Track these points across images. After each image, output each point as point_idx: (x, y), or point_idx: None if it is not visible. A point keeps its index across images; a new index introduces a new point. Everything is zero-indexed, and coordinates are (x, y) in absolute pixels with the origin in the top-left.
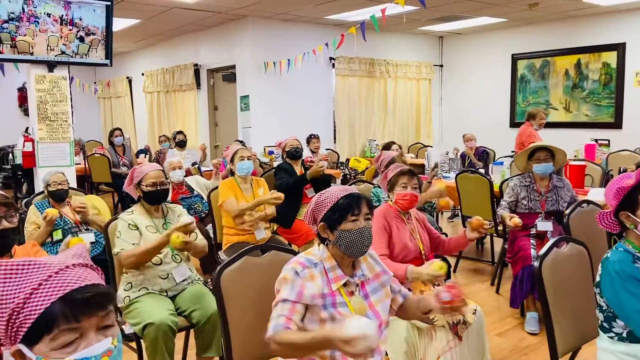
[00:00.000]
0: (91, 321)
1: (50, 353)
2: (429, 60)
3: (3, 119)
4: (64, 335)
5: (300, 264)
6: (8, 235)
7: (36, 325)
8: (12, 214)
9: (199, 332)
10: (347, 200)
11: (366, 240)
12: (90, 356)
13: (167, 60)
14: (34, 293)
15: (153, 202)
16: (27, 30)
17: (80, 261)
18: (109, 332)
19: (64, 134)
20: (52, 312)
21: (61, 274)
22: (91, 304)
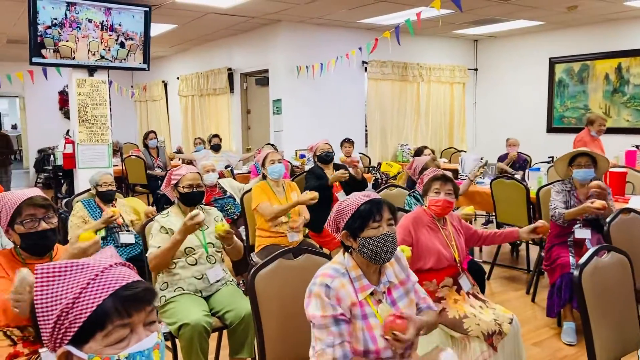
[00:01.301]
0: (140, 316)
1: (104, 350)
2: (463, 63)
3: (45, 122)
4: (118, 331)
5: (328, 276)
6: (48, 237)
7: (88, 324)
8: (51, 215)
9: (231, 333)
10: (368, 206)
11: (390, 246)
12: (144, 349)
13: (201, 64)
14: (83, 292)
15: (189, 203)
16: (69, 35)
17: (118, 261)
18: (153, 328)
19: (102, 137)
20: (105, 309)
21: (107, 272)
22: (140, 299)
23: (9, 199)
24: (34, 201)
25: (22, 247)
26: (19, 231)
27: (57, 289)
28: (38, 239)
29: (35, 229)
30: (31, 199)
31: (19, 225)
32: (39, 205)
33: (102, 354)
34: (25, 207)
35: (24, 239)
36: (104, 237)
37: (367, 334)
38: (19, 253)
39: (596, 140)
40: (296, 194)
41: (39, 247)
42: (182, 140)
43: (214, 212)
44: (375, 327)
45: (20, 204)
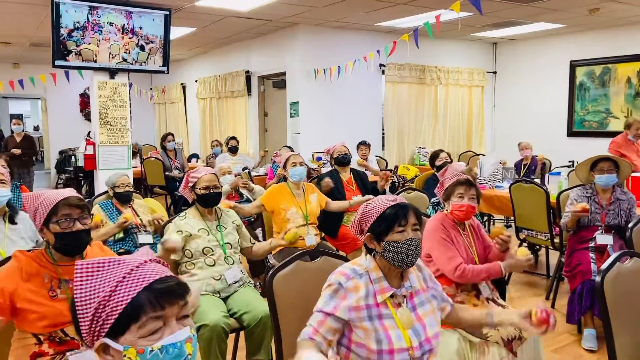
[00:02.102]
0: (173, 309)
1: (138, 341)
2: (481, 66)
3: (66, 124)
4: (151, 323)
5: (344, 275)
6: (81, 237)
7: (123, 316)
8: (86, 215)
9: (249, 334)
10: (394, 210)
11: (414, 252)
12: (176, 341)
13: (219, 67)
14: (119, 285)
15: (206, 204)
16: (91, 38)
17: (152, 258)
18: (186, 322)
19: (122, 138)
20: (139, 301)
21: (141, 267)
22: (173, 293)
23: (46, 198)
24: (70, 201)
25: (55, 247)
26: (54, 230)
27: (94, 283)
28: (72, 239)
29: (70, 229)
30: (67, 199)
31: (54, 224)
32: (74, 206)
33: (136, 345)
34: (61, 206)
35: (58, 238)
36: (122, 238)
37: (383, 334)
38: (51, 253)
39: (632, 144)
40: (316, 196)
41: (72, 248)
42: (200, 143)
43: (232, 214)
44: (391, 328)
45: (56, 204)
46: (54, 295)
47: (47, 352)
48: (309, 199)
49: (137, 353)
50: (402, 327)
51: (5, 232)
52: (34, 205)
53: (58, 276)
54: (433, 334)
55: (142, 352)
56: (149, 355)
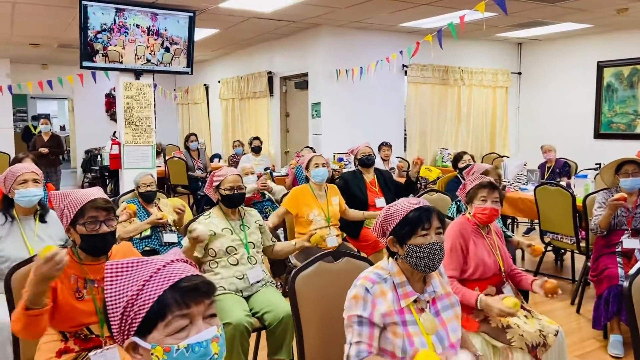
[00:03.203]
0: (199, 308)
1: (165, 339)
2: (506, 67)
3: (91, 123)
4: (177, 321)
5: (369, 280)
6: (107, 239)
7: (150, 314)
8: (112, 217)
9: (270, 334)
10: (417, 213)
11: (437, 256)
12: (202, 340)
13: (242, 68)
14: (146, 284)
15: (230, 205)
16: (117, 40)
17: (179, 257)
18: (213, 321)
19: (147, 138)
20: (165, 300)
21: (168, 266)
22: (198, 291)
23: (73, 199)
24: (96, 204)
25: (81, 247)
26: (80, 232)
27: (123, 283)
28: (98, 241)
29: (96, 231)
30: (94, 201)
31: (80, 226)
32: (101, 208)
33: (163, 343)
34: (88, 209)
35: (84, 239)
36: (149, 236)
37: (407, 340)
38: (76, 253)
39: None
40: (337, 198)
41: (97, 249)
42: (222, 143)
43: (255, 213)
44: (415, 334)
45: (83, 206)
46: (80, 297)
47: (72, 348)
48: (331, 200)
49: (163, 351)
50: (426, 333)
51: (35, 231)
52: (61, 204)
53: (84, 276)
54: (456, 339)
55: (168, 351)
56: (175, 353)
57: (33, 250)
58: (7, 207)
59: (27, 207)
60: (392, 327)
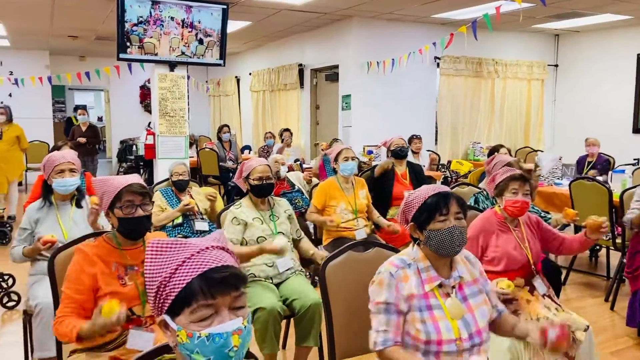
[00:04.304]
0: (225, 299)
1: (189, 325)
2: (542, 59)
3: (126, 114)
4: (201, 310)
5: (393, 265)
6: (143, 223)
7: (178, 299)
8: (147, 202)
9: (298, 321)
10: (435, 199)
11: (457, 240)
12: (223, 332)
13: (273, 60)
14: (179, 269)
15: (259, 195)
16: (153, 32)
17: (218, 244)
18: (240, 313)
19: (180, 129)
20: (193, 288)
21: (202, 253)
22: (226, 283)
23: (111, 184)
24: (132, 188)
25: (118, 230)
26: (118, 215)
27: (160, 262)
28: (134, 224)
29: (132, 214)
30: (131, 185)
31: (118, 209)
32: (137, 193)
33: (187, 328)
34: (125, 193)
35: (121, 223)
36: (181, 224)
37: (431, 324)
38: (115, 237)
39: None
40: (365, 192)
41: (133, 232)
42: (252, 135)
43: (284, 203)
44: (440, 318)
45: (120, 190)
46: (123, 283)
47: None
48: (358, 193)
49: (187, 335)
50: (451, 318)
51: (70, 215)
52: (101, 189)
53: (124, 262)
54: (484, 325)
55: (191, 336)
56: (196, 340)
57: (67, 233)
58: (47, 193)
59: (65, 194)
60: (415, 311)
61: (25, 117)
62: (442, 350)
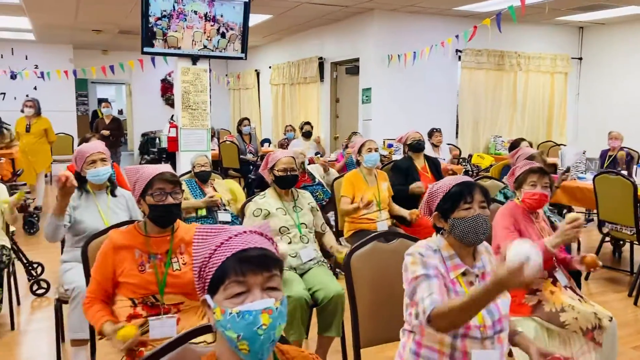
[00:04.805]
0: (256, 279)
1: (224, 302)
2: (566, 52)
3: (148, 108)
4: (233, 287)
5: (421, 247)
6: (172, 210)
7: (215, 278)
8: (178, 191)
9: (321, 311)
10: (459, 188)
11: (481, 228)
12: (252, 310)
13: (293, 53)
14: (217, 250)
15: (283, 186)
16: (176, 26)
17: (256, 229)
18: (273, 294)
19: (202, 122)
20: (226, 266)
21: (238, 237)
22: (256, 262)
23: (143, 172)
24: (164, 177)
25: (149, 217)
26: (149, 202)
27: (202, 246)
28: (164, 211)
29: (163, 202)
30: (162, 174)
31: (149, 197)
32: (168, 181)
33: (221, 305)
34: (156, 181)
35: (152, 210)
36: (205, 216)
37: None
38: (144, 226)
39: None
40: (386, 185)
41: (163, 219)
42: (272, 128)
43: (308, 196)
44: None
45: (152, 178)
46: (142, 270)
47: (140, 314)
48: (381, 185)
49: (220, 312)
50: None
51: (108, 204)
52: (133, 177)
53: (148, 250)
54: (505, 314)
55: (223, 312)
56: (228, 316)
57: (107, 221)
58: (82, 183)
59: (99, 184)
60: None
61: (50, 110)
62: (468, 334)
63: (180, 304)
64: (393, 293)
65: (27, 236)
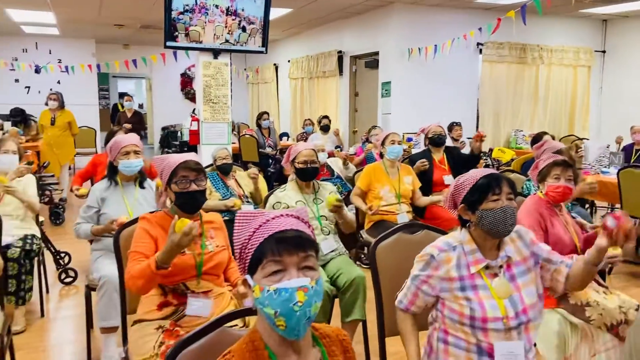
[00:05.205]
0: (292, 259)
1: (262, 280)
2: (588, 45)
3: (168, 102)
4: (270, 266)
5: (437, 248)
6: (196, 197)
7: (254, 258)
8: (202, 178)
9: (343, 296)
10: (487, 180)
11: (509, 219)
12: (288, 287)
13: (312, 47)
14: (256, 232)
15: (304, 178)
16: (198, 20)
17: (293, 213)
18: (309, 273)
19: (223, 115)
20: (263, 247)
21: (275, 220)
22: (291, 243)
23: (169, 161)
24: (188, 165)
25: (175, 204)
26: (174, 190)
27: (242, 229)
28: (188, 198)
29: (187, 189)
30: (186, 162)
31: (174, 184)
32: (192, 169)
33: (260, 283)
34: (181, 169)
35: (177, 197)
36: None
37: (476, 303)
38: (173, 212)
39: None
40: (410, 179)
41: (188, 206)
42: (290, 122)
43: (329, 186)
44: (485, 297)
45: (177, 166)
46: (182, 252)
47: (171, 302)
48: (403, 179)
49: (259, 290)
50: (498, 297)
51: (135, 196)
52: (160, 166)
53: None
54: (530, 304)
55: (262, 290)
56: (266, 294)
57: (132, 213)
58: (112, 174)
59: (129, 175)
60: (451, 292)
61: (73, 104)
62: (488, 327)
63: (209, 291)
64: None
65: (53, 227)
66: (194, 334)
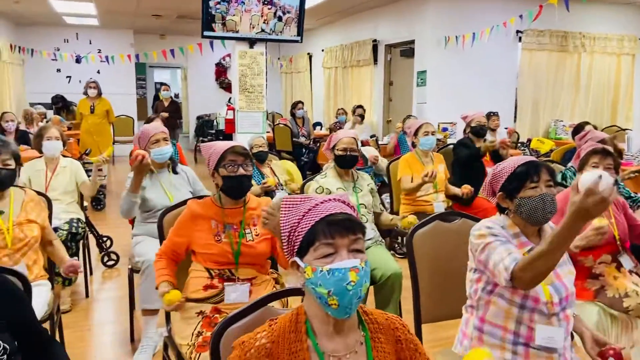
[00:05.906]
0: (343, 241)
1: (314, 262)
2: (634, 33)
3: (203, 91)
4: (323, 248)
5: (489, 223)
6: (243, 181)
7: (305, 240)
8: (248, 163)
9: (378, 289)
10: (525, 167)
11: (548, 207)
12: (342, 267)
13: (346, 36)
14: (305, 216)
15: (343, 165)
16: (235, 10)
17: (338, 197)
18: (358, 256)
19: (258, 105)
20: (315, 230)
21: (325, 203)
22: (343, 226)
23: (217, 147)
24: (235, 149)
25: (222, 189)
26: (222, 174)
27: (290, 213)
28: (236, 182)
29: (235, 173)
30: (233, 147)
31: (222, 168)
32: (239, 154)
33: (312, 264)
34: (229, 154)
35: (225, 181)
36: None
37: None
38: (219, 198)
39: None
40: (443, 166)
41: (235, 190)
42: (323, 111)
43: (367, 177)
44: None
45: (225, 151)
46: (218, 240)
47: (216, 285)
48: (438, 168)
49: (312, 271)
50: (543, 283)
51: (171, 181)
52: (208, 152)
53: (223, 221)
54: (572, 291)
55: (314, 271)
56: (319, 274)
57: (172, 197)
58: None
59: (161, 162)
60: None
61: (112, 93)
62: (537, 308)
63: (253, 278)
64: (454, 271)
65: (95, 212)
66: (239, 312)
